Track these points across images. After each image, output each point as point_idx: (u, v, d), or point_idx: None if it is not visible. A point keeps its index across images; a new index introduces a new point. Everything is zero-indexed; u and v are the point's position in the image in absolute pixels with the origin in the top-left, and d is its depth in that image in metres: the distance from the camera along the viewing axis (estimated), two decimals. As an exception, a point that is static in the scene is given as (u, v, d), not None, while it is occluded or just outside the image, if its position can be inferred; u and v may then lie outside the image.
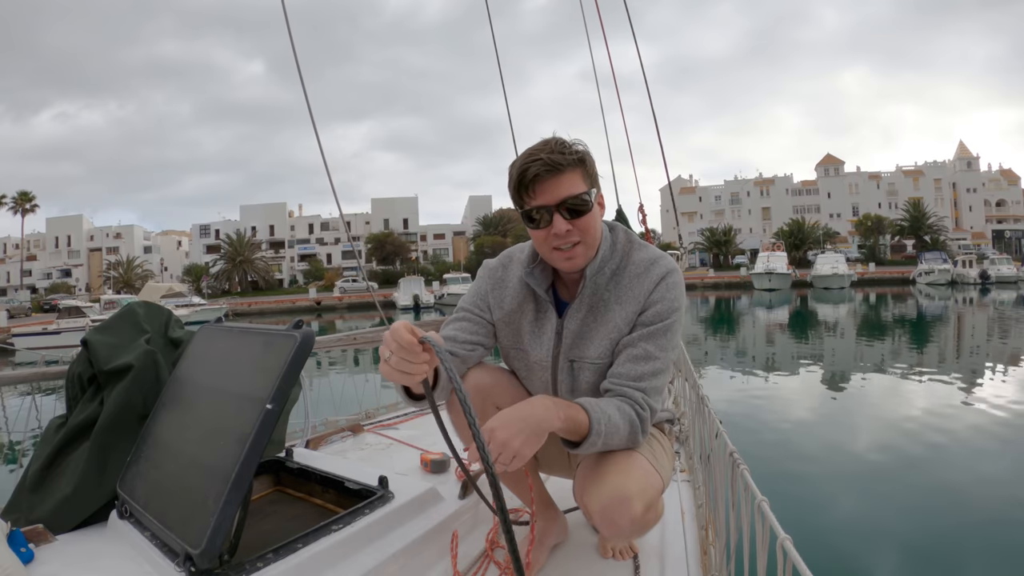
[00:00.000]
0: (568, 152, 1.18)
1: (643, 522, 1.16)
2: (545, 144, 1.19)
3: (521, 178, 1.18)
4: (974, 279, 37.05)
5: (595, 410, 1.14)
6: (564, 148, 1.18)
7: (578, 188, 1.18)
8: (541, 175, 1.16)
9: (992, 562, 3.35)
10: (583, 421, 1.12)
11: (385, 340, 0.97)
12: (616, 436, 1.15)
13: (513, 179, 1.20)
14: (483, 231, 55.80)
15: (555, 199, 1.18)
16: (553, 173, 1.16)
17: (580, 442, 1.14)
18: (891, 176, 64.72)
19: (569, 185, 1.18)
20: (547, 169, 1.16)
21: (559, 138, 1.20)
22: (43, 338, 19.75)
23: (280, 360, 1.22)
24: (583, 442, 1.13)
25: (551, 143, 1.19)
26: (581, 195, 1.19)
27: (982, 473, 4.72)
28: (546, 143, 1.19)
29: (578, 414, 1.12)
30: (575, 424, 1.11)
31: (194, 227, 67.64)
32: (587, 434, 1.12)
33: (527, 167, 1.17)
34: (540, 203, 1.18)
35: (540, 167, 1.16)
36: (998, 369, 9.60)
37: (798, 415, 6.90)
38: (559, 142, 1.19)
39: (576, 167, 1.19)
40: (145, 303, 2.01)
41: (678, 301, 1.26)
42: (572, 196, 1.18)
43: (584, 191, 1.19)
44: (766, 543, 0.95)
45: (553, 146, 1.18)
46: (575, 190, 1.18)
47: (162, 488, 1.33)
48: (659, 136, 4.34)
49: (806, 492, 4.41)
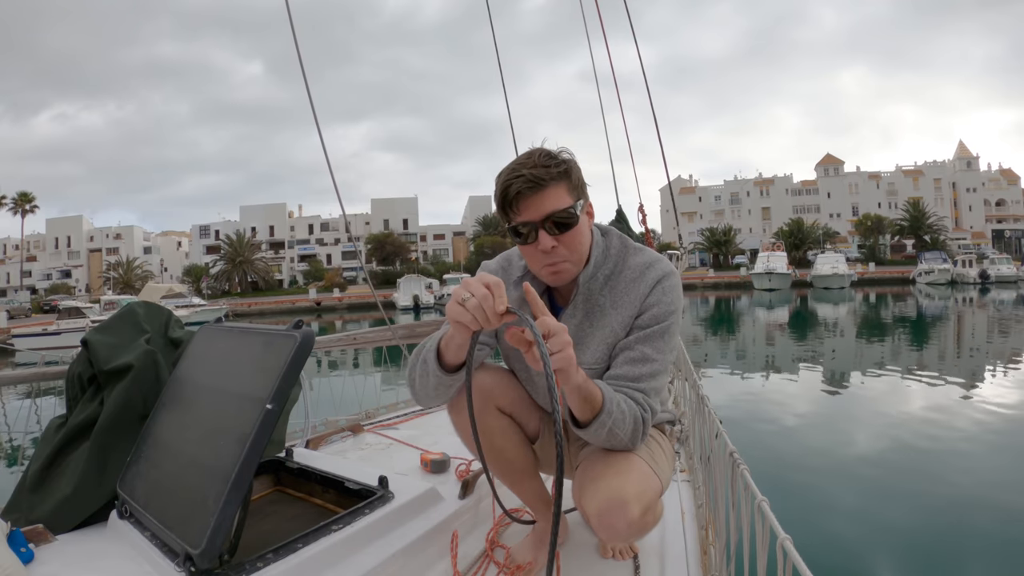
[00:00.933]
0: (552, 165, 1.15)
1: (640, 525, 1.15)
2: (529, 157, 1.17)
3: (504, 195, 1.16)
4: (974, 279, 37.08)
5: (608, 392, 1.13)
6: (548, 161, 1.16)
7: (563, 202, 1.16)
8: (524, 192, 1.14)
9: (992, 562, 3.35)
10: (597, 397, 1.11)
11: (469, 282, 0.97)
12: (622, 426, 1.14)
13: (497, 196, 1.18)
14: (483, 231, 55.79)
15: (539, 215, 1.16)
16: (536, 189, 1.14)
17: (590, 421, 1.12)
18: (891, 176, 64.77)
19: (554, 200, 1.15)
20: (529, 186, 1.14)
21: (544, 150, 1.18)
22: (43, 339, 19.75)
23: (280, 360, 1.22)
24: (593, 421, 1.12)
25: (535, 156, 1.17)
26: (566, 209, 1.16)
27: (982, 473, 4.72)
28: (530, 156, 1.17)
29: (595, 388, 1.11)
30: (590, 394, 1.10)
31: (194, 228, 67.64)
32: (599, 412, 1.11)
33: (509, 184, 1.15)
34: (524, 219, 1.17)
35: (522, 184, 1.14)
36: (998, 369, 9.60)
37: (798, 415, 6.90)
38: (544, 154, 1.17)
39: (560, 180, 1.16)
40: (145, 303, 2.01)
41: (675, 304, 1.25)
42: (557, 211, 1.16)
43: (569, 205, 1.17)
44: (766, 543, 0.95)
45: (537, 160, 1.15)
46: (560, 205, 1.16)
47: (162, 488, 1.32)
48: (659, 136, 4.34)
49: (806, 492, 4.41)
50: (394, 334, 3.05)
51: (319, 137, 2.66)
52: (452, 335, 1.10)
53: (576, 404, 1.11)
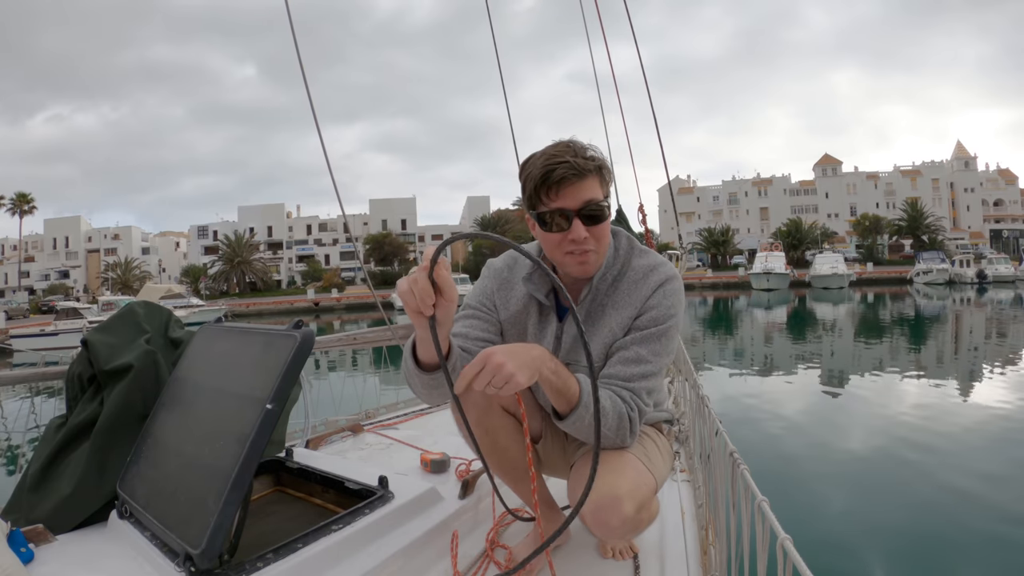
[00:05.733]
0: (591, 158, 1.17)
1: (635, 522, 1.15)
2: (568, 147, 1.17)
3: (545, 178, 1.16)
4: (971, 278, 37.16)
5: (587, 385, 1.14)
6: (587, 153, 1.17)
7: (598, 195, 1.18)
8: (568, 178, 1.15)
9: (993, 562, 3.35)
10: (574, 389, 1.12)
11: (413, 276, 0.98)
12: (604, 421, 1.14)
13: (535, 178, 1.17)
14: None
15: (577, 203, 1.16)
16: (579, 177, 1.15)
17: (568, 413, 1.13)
18: (889, 176, 64.90)
19: (591, 191, 1.17)
20: (574, 172, 1.14)
21: (579, 142, 1.19)
22: (40, 339, 19.69)
23: (280, 360, 1.22)
24: (571, 412, 1.13)
25: (574, 147, 1.17)
26: (601, 202, 1.18)
27: (983, 473, 4.72)
28: (568, 146, 1.17)
29: (571, 379, 1.12)
30: (565, 385, 1.10)
31: (192, 228, 67.57)
32: (576, 404, 1.12)
33: (553, 168, 1.15)
34: (561, 206, 1.17)
35: (567, 169, 1.14)
36: (996, 369, 9.62)
37: (798, 415, 6.91)
38: (581, 146, 1.18)
39: (596, 174, 1.18)
40: (145, 303, 2.01)
41: (675, 308, 1.25)
42: (594, 202, 1.17)
43: (603, 198, 1.19)
44: (766, 543, 0.95)
45: (576, 150, 1.16)
46: (597, 196, 1.18)
47: (162, 488, 1.32)
48: (659, 136, 4.34)
49: (807, 492, 4.41)
50: (394, 334, 3.05)
51: (319, 137, 2.65)
52: (419, 333, 1.10)
53: (551, 395, 1.12)
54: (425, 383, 1.17)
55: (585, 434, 1.17)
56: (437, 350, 1.01)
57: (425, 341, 1.09)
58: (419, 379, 1.16)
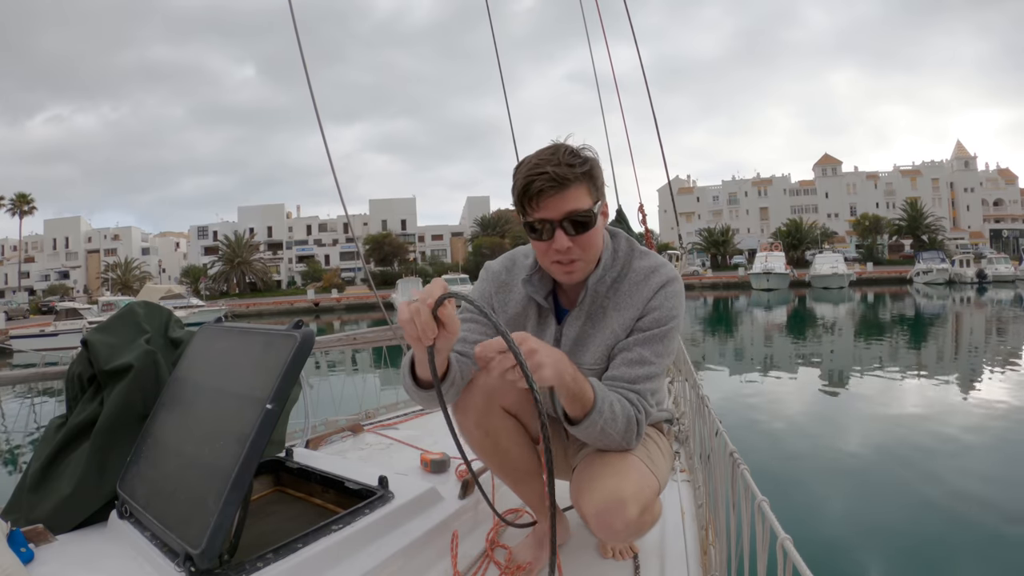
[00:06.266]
0: (577, 165, 1.14)
1: (639, 525, 1.15)
2: (554, 154, 1.15)
3: (525, 190, 1.15)
4: (971, 278, 37.17)
5: (601, 391, 1.14)
6: (573, 160, 1.15)
7: (583, 203, 1.16)
8: (545, 190, 1.13)
9: (993, 562, 3.35)
10: (589, 395, 1.11)
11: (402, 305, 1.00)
12: (614, 425, 1.14)
13: (516, 189, 1.17)
14: (481, 232, 55.76)
15: (558, 214, 1.15)
16: (558, 189, 1.13)
17: (581, 419, 1.13)
18: (889, 176, 64.91)
19: (574, 200, 1.15)
20: (552, 184, 1.12)
21: (569, 147, 1.17)
22: (40, 340, 19.66)
23: (280, 360, 1.22)
24: (584, 419, 1.12)
25: (560, 153, 1.15)
26: (585, 211, 1.16)
27: (983, 472, 4.73)
28: (555, 152, 1.15)
29: (587, 386, 1.12)
30: (582, 392, 1.10)
31: (192, 228, 67.56)
32: (590, 410, 1.12)
33: (532, 180, 1.13)
34: (542, 216, 1.16)
35: (545, 182, 1.12)
36: (996, 368, 9.62)
37: (798, 415, 6.91)
38: (569, 152, 1.16)
39: (583, 181, 1.16)
40: (145, 303, 2.00)
41: (676, 310, 1.25)
42: (576, 212, 1.15)
43: (588, 207, 1.16)
44: (766, 543, 0.95)
45: (562, 157, 1.14)
46: (579, 206, 1.15)
47: (162, 488, 1.32)
48: (659, 136, 4.35)
49: (807, 492, 4.41)
50: (394, 334, 3.05)
51: (321, 137, 2.65)
52: (416, 355, 1.13)
53: (567, 400, 1.11)
54: (423, 398, 1.20)
55: (596, 440, 1.17)
56: (433, 375, 1.04)
57: (423, 363, 1.10)
58: (416, 394, 1.20)
